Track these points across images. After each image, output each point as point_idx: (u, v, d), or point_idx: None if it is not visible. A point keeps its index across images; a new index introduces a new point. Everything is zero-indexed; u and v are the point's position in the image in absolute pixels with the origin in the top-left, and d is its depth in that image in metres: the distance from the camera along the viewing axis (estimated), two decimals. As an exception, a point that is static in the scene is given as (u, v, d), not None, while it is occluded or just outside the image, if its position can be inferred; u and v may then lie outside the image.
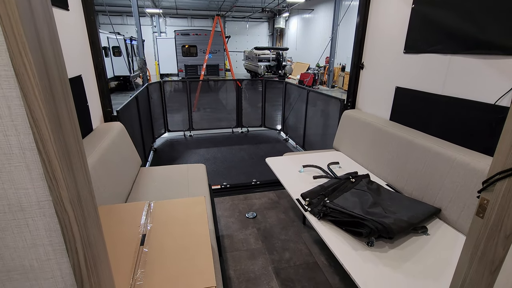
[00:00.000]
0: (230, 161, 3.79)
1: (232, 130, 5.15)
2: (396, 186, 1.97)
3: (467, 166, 1.53)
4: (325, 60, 14.36)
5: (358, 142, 2.44)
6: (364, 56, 2.60)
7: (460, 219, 1.53)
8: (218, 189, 2.91)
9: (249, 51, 16.39)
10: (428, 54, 1.91)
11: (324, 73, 14.31)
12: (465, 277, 0.78)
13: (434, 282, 1.19)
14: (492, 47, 1.52)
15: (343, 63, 13.67)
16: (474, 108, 1.63)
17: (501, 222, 0.67)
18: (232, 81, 5.03)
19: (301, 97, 4.03)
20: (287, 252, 2.05)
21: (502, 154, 0.67)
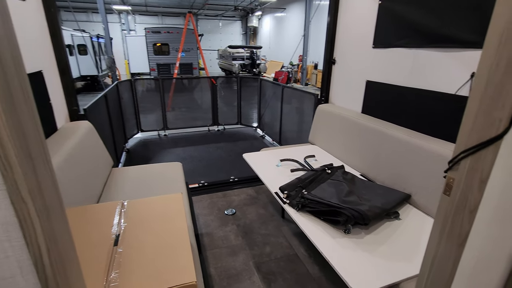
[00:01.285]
0: (207, 159, 3.74)
1: (208, 129, 5.08)
2: (370, 175, 2.05)
3: (433, 154, 1.62)
4: (298, 58, 14.60)
5: (332, 135, 2.50)
6: (336, 52, 2.67)
7: (428, 203, 1.62)
8: (196, 187, 2.86)
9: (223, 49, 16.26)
10: (395, 48, 2.00)
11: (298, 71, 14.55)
12: (435, 253, 0.82)
13: (408, 263, 1.25)
14: (451, 41, 1.62)
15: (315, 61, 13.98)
16: (438, 99, 1.73)
17: (466, 198, 0.71)
18: (207, 78, 4.96)
19: (276, 94, 4.07)
20: (267, 246, 2.06)
21: (464, 135, 0.72)
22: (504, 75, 0.60)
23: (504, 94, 0.61)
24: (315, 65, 13.92)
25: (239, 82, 4.89)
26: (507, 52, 0.59)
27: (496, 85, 0.62)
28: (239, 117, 5.14)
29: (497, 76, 0.62)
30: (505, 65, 0.60)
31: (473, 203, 0.70)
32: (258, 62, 14.86)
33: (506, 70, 0.60)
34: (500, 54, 0.60)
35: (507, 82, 0.60)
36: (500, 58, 0.61)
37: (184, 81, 5.40)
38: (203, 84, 5.16)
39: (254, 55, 14.63)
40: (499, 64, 0.61)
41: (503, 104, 0.61)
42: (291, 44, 15.92)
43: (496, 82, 0.62)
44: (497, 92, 0.62)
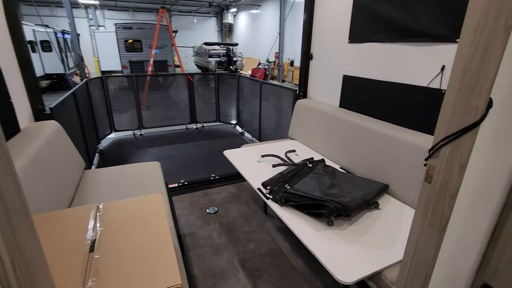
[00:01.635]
0: (186, 158, 3.65)
1: (186, 127, 4.97)
2: (349, 168, 2.09)
3: (409, 145, 1.67)
4: (275, 55, 14.66)
5: (311, 129, 2.52)
6: (313, 47, 2.69)
7: (406, 192, 1.68)
8: (176, 187, 2.78)
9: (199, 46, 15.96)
10: (370, 43, 2.05)
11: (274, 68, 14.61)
12: (418, 240, 0.85)
13: (389, 250, 1.28)
14: (423, 35, 1.68)
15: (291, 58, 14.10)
16: (412, 92, 1.79)
17: (446, 184, 0.74)
18: (183, 75, 4.83)
19: (254, 90, 4.05)
20: (251, 243, 2.05)
21: (443, 123, 0.74)
22: (481, 63, 0.62)
23: (481, 82, 0.63)
24: (291, 62, 14.04)
25: (216, 79, 4.82)
26: (482, 41, 0.61)
27: (473, 73, 0.64)
28: (218, 115, 5.07)
29: (473, 64, 0.63)
30: (481, 54, 0.62)
31: (453, 188, 0.72)
32: (234, 59, 14.75)
33: (483, 58, 0.62)
34: (476, 43, 0.62)
35: (483, 70, 0.62)
36: (476, 47, 0.62)
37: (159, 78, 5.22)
38: (179, 81, 5.03)
39: (231, 52, 14.49)
40: (476, 53, 0.63)
41: (480, 91, 0.63)
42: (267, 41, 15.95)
43: (472, 70, 0.64)
44: (474, 80, 0.64)
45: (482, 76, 0.62)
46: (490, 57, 0.60)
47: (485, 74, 0.61)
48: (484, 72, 0.62)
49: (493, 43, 0.59)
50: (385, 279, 1.19)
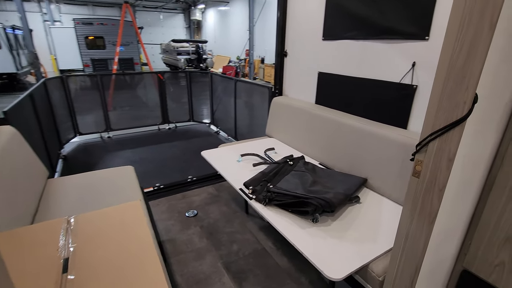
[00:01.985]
0: (161, 160, 3.50)
1: (159, 127, 4.77)
2: (328, 163, 2.13)
3: (385, 139, 1.73)
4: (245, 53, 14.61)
5: (289, 127, 2.53)
6: (287, 44, 2.69)
7: (384, 185, 1.74)
8: (151, 191, 2.65)
9: (166, 44, 15.44)
10: (344, 40, 2.08)
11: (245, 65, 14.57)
12: (407, 233, 0.87)
13: (374, 243, 1.31)
14: (394, 33, 1.73)
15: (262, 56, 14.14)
16: (385, 87, 1.85)
17: (435, 178, 0.75)
18: (152, 74, 4.62)
19: (228, 88, 3.98)
20: (234, 244, 2.00)
21: (430, 118, 0.75)
22: (467, 59, 0.64)
23: (467, 77, 0.64)
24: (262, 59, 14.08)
25: (188, 77, 4.67)
26: (468, 38, 0.62)
27: (460, 69, 0.65)
28: (191, 114, 4.92)
29: (460, 60, 0.65)
30: (467, 50, 0.63)
31: (442, 181, 0.74)
32: (204, 56, 14.47)
33: (469, 54, 0.63)
34: (462, 40, 0.64)
35: (469, 66, 0.64)
36: (463, 44, 0.64)
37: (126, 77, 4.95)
38: (149, 80, 4.81)
39: (200, 50, 14.19)
40: (462, 50, 0.64)
41: (467, 86, 0.65)
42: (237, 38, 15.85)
43: (459, 66, 0.65)
44: (461, 75, 0.65)
45: (468, 72, 0.64)
46: (476, 54, 0.61)
47: (471, 70, 0.63)
48: (470, 68, 0.63)
49: (479, 40, 0.60)
50: (372, 271, 1.22)
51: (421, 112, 1.67)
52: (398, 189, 1.66)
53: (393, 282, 0.96)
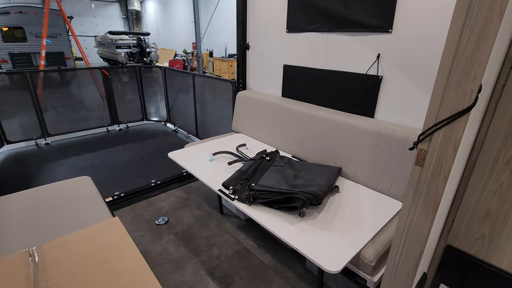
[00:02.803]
0: (115, 165, 3.17)
1: (107, 129, 4.31)
2: (301, 156, 2.15)
3: (355, 128, 1.80)
4: (192, 46, 14.08)
5: (257, 121, 2.49)
6: (249, 37, 2.62)
7: (357, 173, 1.81)
8: (111, 201, 2.37)
9: (102, 36, 14.02)
10: (308, 33, 2.09)
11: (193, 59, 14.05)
12: (410, 220, 0.90)
13: (361, 230, 1.36)
14: (358, 25, 1.79)
15: (210, 49, 13.77)
16: (352, 79, 1.92)
17: (440, 166, 0.78)
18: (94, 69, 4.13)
19: (186, 83, 3.76)
20: (214, 248, 1.91)
21: (434, 108, 0.77)
22: (475, 48, 0.66)
23: (476, 66, 0.67)
24: (210, 52, 13.72)
25: (138, 72, 4.29)
26: (478, 26, 0.64)
27: (467, 58, 0.67)
28: (144, 112, 4.55)
29: (468, 49, 0.67)
30: (476, 38, 0.65)
31: (447, 169, 0.77)
32: (148, 50, 13.53)
33: (477, 44, 0.65)
34: (471, 28, 0.65)
35: (477, 56, 0.66)
36: (471, 32, 0.65)
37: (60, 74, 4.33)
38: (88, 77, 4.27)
39: (143, 43, 13.22)
40: (471, 38, 0.66)
41: (475, 76, 0.67)
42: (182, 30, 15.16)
43: (467, 55, 0.67)
44: (469, 65, 0.67)
45: (477, 61, 0.66)
46: (485, 43, 0.64)
47: (479, 59, 0.65)
48: (479, 57, 0.65)
49: (488, 29, 0.63)
50: (364, 258, 1.26)
51: (387, 101, 1.77)
52: (372, 176, 1.74)
53: (395, 268, 0.99)
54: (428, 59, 1.51)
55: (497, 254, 0.98)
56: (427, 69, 1.53)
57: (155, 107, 4.77)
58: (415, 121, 1.65)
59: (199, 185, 2.70)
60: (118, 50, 12.91)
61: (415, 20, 1.52)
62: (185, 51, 14.47)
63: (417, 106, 1.63)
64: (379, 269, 1.30)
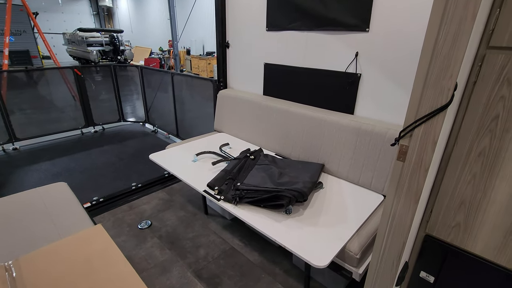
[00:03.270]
0: (93, 169, 3.03)
1: (82, 131, 4.11)
2: (284, 153, 2.17)
3: (336, 124, 1.84)
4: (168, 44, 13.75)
5: (239, 120, 2.48)
6: (228, 35, 2.60)
7: (340, 168, 1.86)
8: (89, 207, 2.27)
9: (72, 33, 13.35)
10: (288, 31, 2.11)
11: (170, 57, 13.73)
12: (394, 212, 0.93)
13: (345, 224, 1.40)
14: (337, 24, 1.83)
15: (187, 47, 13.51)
16: (331, 76, 1.96)
17: (421, 160, 0.82)
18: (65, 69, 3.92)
19: (164, 82, 3.67)
20: (201, 249, 1.89)
21: (414, 106, 0.81)
22: (451, 48, 0.69)
23: (451, 65, 0.70)
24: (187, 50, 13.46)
25: (113, 71, 4.12)
26: (453, 27, 0.68)
27: (444, 57, 0.71)
28: (121, 113, 4.39)
29: (445, 49, 0.70)
30: (452, 38, 0.69)
31: (427, 162, 0.81)
32: (122, 48, 13.04)
33: (453, 43, 0.69)
34: (447, 30, 0.69)
35: (453, 54, 0.70)
36: (447, 33, 0.69)
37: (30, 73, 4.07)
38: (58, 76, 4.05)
39: (116, 40, 12.72)
40: (447, 38, 0.69)
41: (451, 74, 0.71)
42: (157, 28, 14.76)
43: (444, 54, 0.71)
44: (446, 63, 0.71)
45: (453, 60, 0.70)
46: (460, 43, 0.67)
47: (455, 58, 0.69)
48: (454, 56, 0.69)
49: (462, 29, 0.66)
50: (349, 251, 1.30)
51: (366, 98, 1.83)
52: (353, 171, 1.80)
53: (380, 259, 1.03)
54: (404, 57, 1.57)
55: (472, 241, 1.04)
56: (403, 66, 1.59)
57: (131, 107, 4.61)
58: (393, 116, 1.72)
59: (182, 186, 2.66)
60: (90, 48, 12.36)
61: (390, 20, 1.58)
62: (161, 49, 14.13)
63: (393, 102, 1.69)
64: (363, 260, 1.35)
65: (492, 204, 0.95)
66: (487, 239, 1.00)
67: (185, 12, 12.52)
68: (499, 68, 0.83)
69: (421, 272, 1.26)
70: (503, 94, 0.85)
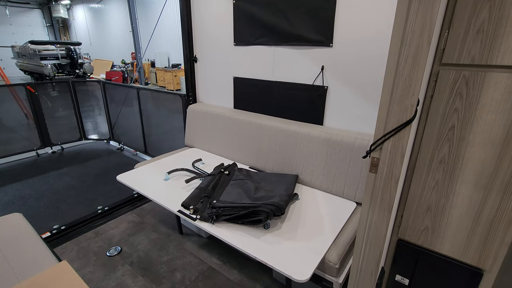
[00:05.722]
0: (50, 194, 2.78)
1: (37, 153, 3.78)
2: (258, 166, 2.17)
3: (307, 136, 1.90)
4: (131, 56, 13.33)
5: (211, 134, 2.45)
6: (196, 49, 2.59)
7: (313, 178, 1.90)
8: (49, 237, 2.07)
9: (22, 46, 12.42)
10: (256, 46, 2.15)
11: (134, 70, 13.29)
12: (370, 222, 0.97)
13: (323, 235, 1.42)
14: (302, 40, 1.91)
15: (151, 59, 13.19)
16: (300, 89, 2.02)
17: (391, 171, 0.87)
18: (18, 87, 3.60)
19: (130, 97, 3.52)
20: (177, 273, 1.80)
21: (382, 122, 0.86)
22: (412, 69, 0.75)
23: (413, 84, 0.76)
24: (152, 63, 13.14)
25: (72, 87, 3.87)
26: (412, 51, 0.74)
27: (406, 77, 0.76)
28: (81, 131, 4.12)
29: (406, 70, 0.76)
30: (412, 61, 0.75)
31: (397, 173, 0.86)
32: (80, 61, 12.36)
33: (413, 65, 0.75)
34: (406, 53, 0.75)
35: (414, 75, 0.76)
36: (407, 56, 0.75)
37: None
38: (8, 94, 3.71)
39: (73, 53, 12.04)
40: (407, 61, 0.75)
41: (413, 92, 0.77)
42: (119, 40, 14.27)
43: (405, 75, 0.76)
44: (408, 83, 0.77)
45: (413, 80, 0.75)
46: (419, 64, 0.73)
47: (415, 77, 0.75)
48: (415, 76, 0.75)
49: (420, 53, 0.72)
50: (329, 261, 1.32)
51: (333, 109, 1.91)
52: (326, 180, 1.85)
53: (359, 269, 1.06)
54: (366, 68, 1.68)
55: (439, 242, 1.11)
56: (366, 77, 1.69)
57: (93, 123, 4.35)
58: (359, 125, 1.81)
59: (153, 205, 2.54)
60: (44, 62, 11.55)
61: (351, 36, 1.68)
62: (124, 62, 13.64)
63: (359, 112, 1.79)
64: (342, 269, 1.38)
65: (454, 208, 1.03)
66: (453, 240, 1.08)
67: (148, 23, 12.27)
68: (451, 83, 0.91)
69: (397, 276, 1.31)
70: (457, 106, 0.93)
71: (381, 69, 1.62)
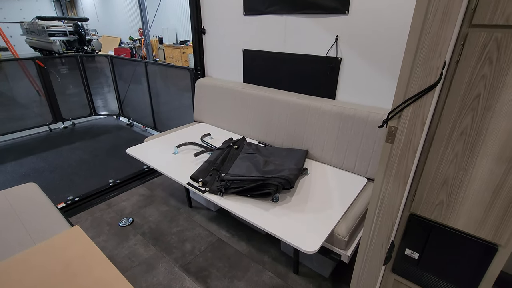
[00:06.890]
0: (65, 167, 2.85)
1: (50, 128, 3.84)
2: (267, 141, 2.14)
3: (319, 110, 1.84)
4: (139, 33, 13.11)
5: (220, 109, 2.41)
6: (204, 21, 2.49)
7: (323, 153, 1.87)
8: (64, 207, 2.14)
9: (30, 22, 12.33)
10: (266, 16, 2.05)
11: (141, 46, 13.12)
12: (383, 194, 0.94)
13: (332, 209, 1.41)
14: (316, 7, 1.80)
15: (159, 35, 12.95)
16: (312, 61, 1.94)
17: (410, 141, 0.82)
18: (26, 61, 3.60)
19: (138, 73, 3.48)
20: (187, 243, 1.85)
21: (402, 87, 0.80)
22: (441, 25, 0.68)
23: (440, 43, 0.69)
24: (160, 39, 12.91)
25: (80, 63, 3.85)
26: (442, 5, 0.66)
27: (433, 35, 0.70)
28: (92, 107, 4.14)
29: (434, 27, 0.69)
30: (441, 15, 0.67)
31: (416, 143, 0.81)
32: (88, 37, 12.25)
33: (443, 20, 0.68)
34: (436, 6, 0.67)
35: (443, 32, 0.69)
36: (437, 10, 0.67)
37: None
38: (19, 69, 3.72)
39: (81, 29, 11.91)
40: (436, 15, 0.68)
41: (440, 53, 0.70)
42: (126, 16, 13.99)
43: (433, 32, 0.69)
44: (435, 42, 0.70)
45: (442, 38, 0.68)
46: (449, 20, 0.66)
47: (444, 35, 0.68)
48: (443, 34, 0.68)
49: (452, 6, 0.65)
50: (338, 235, 1.31)
51: (347, 82, 1.83)
52: (337, 155, 1.81)
53: (370, 241, 1.04)
54: (384, 40, 1.58)
55: (454, 217, 1.08)
56: (383, 49, 1.60)
57: (103, 100, 4.36)
58: (374, 99, 1.74)
59: (163, 180, 2.57)
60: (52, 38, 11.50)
61: (369, 3, 1.56)
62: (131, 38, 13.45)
63: (374, 85, 1.71)
64: (351, 243, 1.37)
65: (473, 181, 0.98)
66: (468, 214, 1.04)
67: None
68: (481, 47, 0.83)
69: (406, 250, 1.30)
70: (485, 73, 0.86)
71: (401, 41, 1.52)
